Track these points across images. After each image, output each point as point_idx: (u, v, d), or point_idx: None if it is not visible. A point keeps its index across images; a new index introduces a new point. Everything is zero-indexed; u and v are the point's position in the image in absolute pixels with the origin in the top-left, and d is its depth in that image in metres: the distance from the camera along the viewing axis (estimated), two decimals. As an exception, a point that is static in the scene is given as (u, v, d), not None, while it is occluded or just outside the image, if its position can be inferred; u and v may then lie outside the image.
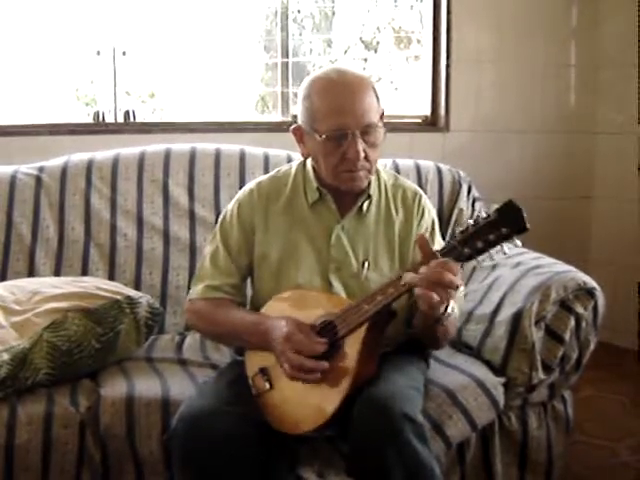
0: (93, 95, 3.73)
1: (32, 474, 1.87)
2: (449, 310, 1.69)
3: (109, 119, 3.42)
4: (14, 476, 1.86)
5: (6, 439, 1.85)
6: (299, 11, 3.99)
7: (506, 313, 2.15)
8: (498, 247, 1.56)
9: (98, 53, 3.42)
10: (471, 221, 1.58)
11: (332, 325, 1.75)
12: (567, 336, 2.12)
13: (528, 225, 1.51)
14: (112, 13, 3.38)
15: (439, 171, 2.76)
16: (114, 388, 2.00)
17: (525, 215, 1.51)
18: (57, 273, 2.52)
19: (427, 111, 3.61)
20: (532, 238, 2.22)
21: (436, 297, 1.58)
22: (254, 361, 1.88)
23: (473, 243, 1.56)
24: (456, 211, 2.68)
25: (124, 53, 3.42)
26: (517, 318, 2.11)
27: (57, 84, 3.63)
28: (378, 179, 2.00)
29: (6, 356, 1.95)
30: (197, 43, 3.76)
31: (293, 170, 2.03)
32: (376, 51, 4.18)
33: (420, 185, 2.63)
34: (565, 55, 3.70)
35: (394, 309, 1.76)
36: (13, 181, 2.60)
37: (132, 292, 2.27)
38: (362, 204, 1.95)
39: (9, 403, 1.91)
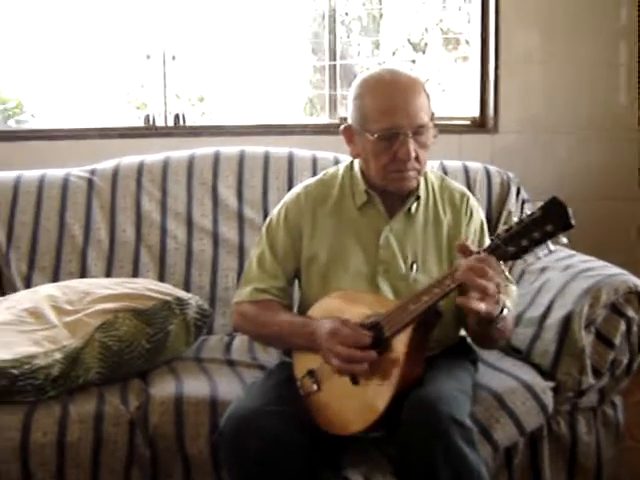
0: (143, 98, 3.78)
1: (83, 471, 1.90)
2: (504, 312, 1.69)
3: (159, 122, 3.45)
4: (65, 473, 1.89)
5: (58, 436, 1.88)
6: (347, 13, 3.99)
7: (555, 316, 2.12)
8: (543, 245, 1.54)
9: (148, 57, 3.45)
10: (516, 219, 1.57)
11: (379, 326, 1.74)
12: (617, 340, 2.09)
13: (573, 222, 1.49)
14: (161, 18, 3.41)
15: (487, 173, 2.74)
16: (163, 388, 2.03)
17: (570, 212, 1.49)
18: (108, 274, 2.56)
19: (476, 112, 3.58)
20: (582, 240, 2.20)
21: (477, 303, 1.58)
22: (302, 362, 1.88)
23: (518, 241, 1.55)
24: (505, 213, 2.66)
25: (174, 57, 3.45)
26: (567, 322, 2.08)
27: (108, 88, 3.69)
28: (426, 180, 1.99)
29: (59, 355, 1.99)
30: (246, 46, 3.79)
31: (340, 172, 2.04)
32: (424, 52, 4.16)
33: (468, 187, 2.61)
34: (614, 55, 3.65)
35: (440, 310, 1.75)
36: (66, 184, 2.65)
37: (182, 293, 2.29)
38: (410, 205, 1.94)
39: (61, 401, 1.95)
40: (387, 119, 1.81)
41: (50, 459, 1.88)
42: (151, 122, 3.44)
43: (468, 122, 3.58)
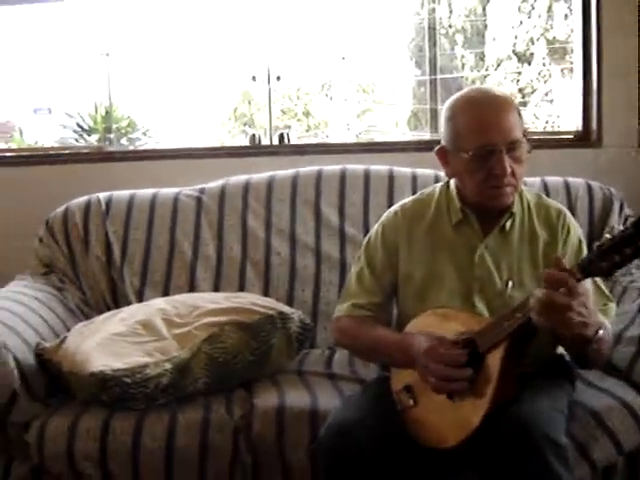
0: (250, 115, 3.91)
1: (189, 475, 2.02)
2: (600, 333, 1.68)
3: (265, 142, 3.55)
4: (174, 477, 2.01)
5: (167, 442, 2.00)
6: (450, 26, 4.01)
7: (656, 335, 2.09)
8: (636, 261, 1.53)
9: (254, 79, 3.57)
10: (608, 235, 1.56)
11: (473, 342, 1.76)
12: None
13: None
14: (266, 40, 3.52)
15: (589, 188, 2.70)
16: (266, 398, 2.11)
17: None
18: (216, 289, 2.66)
19: (578, 126, 3.51)
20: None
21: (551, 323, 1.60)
22: (399, 377, 1.92)
23: (610, 257, 1.53)
24: (607, 229, 2.61)
25: (278, 78, 3.55)
26: (668, 340, 2.05)
27: (217, 108, 3.83)
28: (520, 197, 1.99)
29: (168, 365, 2.09)
30: (349, 63, 3.86)
31: (437, 192, 2.07)
32: (529, 63, 4.13)
33: (569, 203, 2.59)
34: None
35: (535, 327, 1.73)
36: (176, 202, 2.78)
37: (285, 308, 2.36)
38: (505, 222, 1.95)
39: (170, 409, 2.06)
40: (480, 136, 1.84)
41: (159, 463, 2.00)
42: (257, 141, 3.54)
43: (571, 136, 3.51)
